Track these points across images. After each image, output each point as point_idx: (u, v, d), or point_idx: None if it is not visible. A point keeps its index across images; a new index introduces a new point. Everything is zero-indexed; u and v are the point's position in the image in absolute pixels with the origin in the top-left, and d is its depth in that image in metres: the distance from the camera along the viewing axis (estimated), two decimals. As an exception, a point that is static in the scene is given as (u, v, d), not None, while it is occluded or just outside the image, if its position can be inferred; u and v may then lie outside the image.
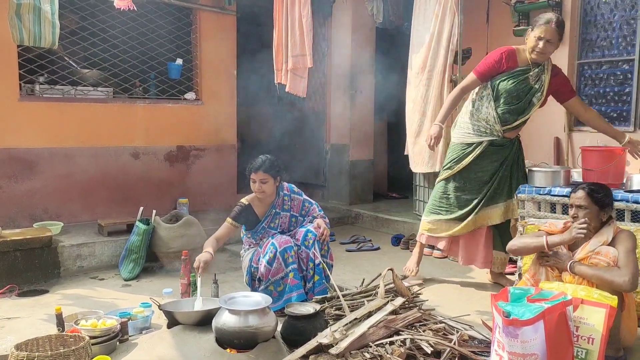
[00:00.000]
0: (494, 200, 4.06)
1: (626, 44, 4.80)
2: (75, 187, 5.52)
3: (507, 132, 3.97)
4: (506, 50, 3.85)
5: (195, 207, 6.06)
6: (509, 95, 3.84)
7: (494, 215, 4.08)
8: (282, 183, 3.88)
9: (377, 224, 6.43)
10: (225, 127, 6.49)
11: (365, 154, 7.19)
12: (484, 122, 3.96)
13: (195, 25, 6.27)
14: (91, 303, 3.97)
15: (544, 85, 3.83)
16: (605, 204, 3.03)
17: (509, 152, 4.02)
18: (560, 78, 3.93)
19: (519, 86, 3.82)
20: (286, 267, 3.61)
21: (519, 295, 2.64)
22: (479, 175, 4.05)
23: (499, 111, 3.89)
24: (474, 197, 4.07)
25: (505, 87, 3.84)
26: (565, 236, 3.00)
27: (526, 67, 3.82)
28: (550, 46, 3.71)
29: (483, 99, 3.95)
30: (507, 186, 4.06)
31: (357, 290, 3.54)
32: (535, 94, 3.85)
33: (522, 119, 3.91)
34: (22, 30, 3.91)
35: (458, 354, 2.80)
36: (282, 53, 5.36)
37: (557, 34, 3.69)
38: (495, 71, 3.85)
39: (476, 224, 4.10)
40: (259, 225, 3.82)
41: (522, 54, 3.84)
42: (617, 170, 3.83)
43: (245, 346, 2.89)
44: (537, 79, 3.84)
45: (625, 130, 4.71)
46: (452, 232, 4.15)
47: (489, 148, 3.98)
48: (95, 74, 5.75)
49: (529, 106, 3.87)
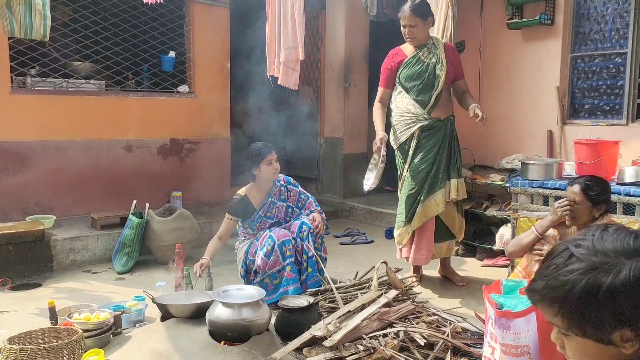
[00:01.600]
0: (435, 187, 4.01)
1: (619, 37, 4.80)
2: (67, 181, 5.50)
3: (433, 112, 4.01)
4: (391, 52, 4.18)
5: (189, 201, 6.05)
6: (411, 79, 4.02)
7: (439, 201, 4.00)
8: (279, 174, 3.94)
9: (370, 217, 6.44)
10: (219, 120, 6.46)
11: (359, 147, 7.19)
12: (407, 113, 4.05)
13: (188, 17, 6.23)
14: (84, 296, 3.96)
15: (441, 57, 4.00)
16: (598, 201, 3.04)
17: (443, 133, 4.03)
18: (454, 55, 4.13)
19: (415, 68, 4.02)
20: (283, 261, 3.62)
21: (512, 288, 2.65)
22: (422, 168, 4.03)
23: (413, 97, 4.03)
24: (419, 190, 4.03)
25: (405, 75, 4.05)
26: (551, 217, 3.03)
27: (414, 53, 4.04)
28: (415, 30, 3.95)
29: (397, 97, 4.14)
30: (446, 168, 4.04)
31: (350, 283, 3.55)
32: (436, 66, 3.99)
33: (435, 93, 3.98)
34: (12, 22, 3.87)
35: (451, 346, 2.82)
36: (275, 45, 5.34)
37: (414, 17, 3.93)
38: (391, 72, 4.13)
39: (426, 216, 4.02)
40: (255, 213, 3.85)
41: (408, 47, 4.12)
42: (610, 163, 3.86)
43: (239, 339, 2.89)
44: (431, 56, 4.02)
45: (618, 123, 4.72)
46: (409, 232, 4.08)
47: (422, 135, 4.01)
48: (87, 66, 5.71)
49: (435, 79, 3.98)
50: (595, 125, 4.81)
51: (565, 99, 5.08)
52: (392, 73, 4.13)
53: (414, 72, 4.01)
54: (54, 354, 2.62)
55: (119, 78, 5.89)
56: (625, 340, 1.00)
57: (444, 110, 4.07)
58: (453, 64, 4.08)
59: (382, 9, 6.62)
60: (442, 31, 4.87)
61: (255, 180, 3.88)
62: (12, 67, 5.21)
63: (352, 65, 6.97)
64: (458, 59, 4.19)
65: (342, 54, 6.91)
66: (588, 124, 4.87)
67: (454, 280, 4.21)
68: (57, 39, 5.46)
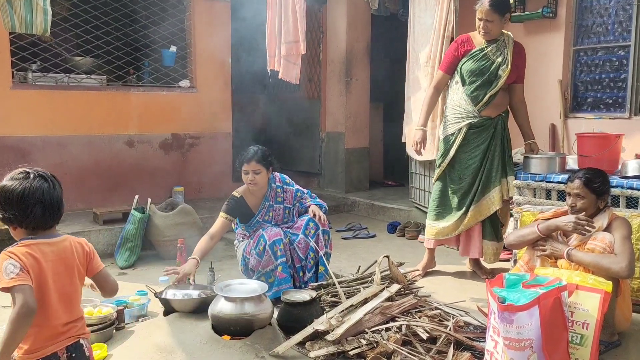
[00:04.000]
0: (489, 185, 4.03)
1: (622, 30, 4.78)
2: (69, 176, 5.49)
3: (484, 110, 3.97)
4: (460, 38, 4.06)
5: (191, 196, 6.05)
6: (472, 74, 3.94)
7: (494, 199, 4.02)
8: (274, 174, 3.82)
9: (373, 211, 6.44)
10: (220, 115, 6.45)
11: (361, 141, 7.18)
12: (458, 107, 4.02)
13: (189, 12, 6.21)
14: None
15: (507, 58, 3.91)
16: (602, 192, 3.03)
17: (492, 132, 4.00)
18: (521, 58, 4.02)
19: (480, 63, 3.93)
20: (275, 260, 3.57)
21: (514, 281, 2.64)
22: (470, 164, 4.03)
23: (468, 92, 3.97)
24: (470, 189, 4.04)
25: (467, 68, 3.96)
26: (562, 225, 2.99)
27: (482, 46, 3.95)
28: (491, 25, 3.85)
29: (453, 87, 4.09)
30: (499, 166, 4.03)
31: (353, 277, 3.54)
32: (500, 66, 3.91)
33: (491, 92, 3.92)
34: (13, 16, 3.86)
35: (454, 340, 2.82)
36: (276, 40, 5.33)
37: (492, 12, 3.81)
38: (456, 59, 4.02)
39: (481, 214, 4.05)
40: (253, 219, 3.78)
41: (478, 37, 3.99)
42: (612, 157, 3.84)
43: (242, 333, 2.89)
44: (498, 53, 3.93)
45: (621, 116, 4.70)
46: (458, 230, 4.11)
47: (469, 132, 3.99)
48: (88, 61, 5.70)
49: (496, 79, 3.92)
50: (598, 118, 4.80)
51: (568, 93, 5.07)
52: (456, 60, 4.03)
53: (478, 67, 3.92)
54: (57, 348, 2.62)
55: (120, 73, 5.88)
56: None
57: (497, 108, 4.01)
58: (518, 66, 3.98)
59: (383, 3, 6.59)
60: (444, 24, 4.85)
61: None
62: (13, 62, 5.21)
63: (354, 60, 6.95)
64: (524, 61, 4.06)
65: (343, 48, 6.89)
66: (591, 117, 4.86)
67: (480, 274, 4.20)
68: (58, 33, 5.45)
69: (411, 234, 5.43)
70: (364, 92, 7.13)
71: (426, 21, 5.22)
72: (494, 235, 4.10)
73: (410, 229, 5.48)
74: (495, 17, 3.82)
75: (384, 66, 7.86)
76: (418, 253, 4.74)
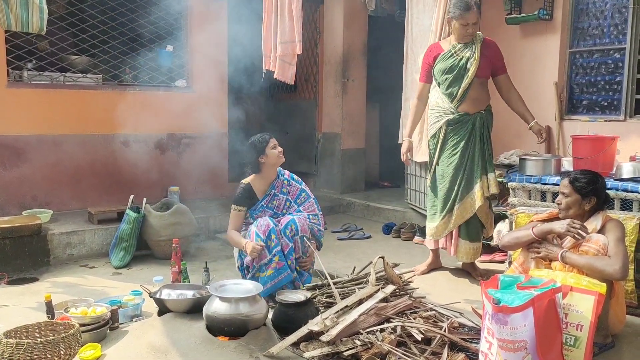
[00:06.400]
0: (472, 183, 4.04)
1: (617, 33, 4.79)
2: (64, 175, 5.48)
3: (460, 106, 4.03)
4: (429, 47, 4.29)
5: (186, 196, 6.04)
6: (443, 72, 4.06)
7: (476, 197, 4.03)
8: (284, 170, 4.02)
9: (368, 212, 6.44)
10: (217, 115, 6.44)
11: (357, 142, 7.18)
12: (436, 107, 4.13)
13: (186, 11, 6.20)
14: (81, 291, 3.95)
15: (475, 52, 4.00)
16: (586, 193, 3.04)
17: (471, 128, 4.03)
18: (493, 50, 4.10)
19: (449, 61, 4.04)
20: (269, 253, 3.57)
21: (509, 283, 2.65)
22: (451, 161, 4.06)
23: (443, 90, 4.08)
24: (453, 187, 4.07)
25: (438, 68, 4.09)
26: (557, 229, 3.00)
27: (450, 47, 4.08)
28: (475, 27, 3.99)
29: (432, 91, 4.22)
30: (479, 164, 4.04)
31: (348, 278, 3.54)
32: (469, 60, 3.99)
33: (463, 86, 3.99)
34: (9, 15, 3.84)
35: (448, 341, 2.82)
36: (271, 39, 5.32)
37: (476, 14, 3.97)
38: (429, 66, 4.18)
39: (467, 212, 4.07)
40: (258, 203, 3.86)
41: (445, 43, 4.16)
42: (607, 159, 3.85)
43: (236, 333, 2.89)
44: (467, 50, 4.02)
45: (616, 119, 4.72)
46: (447, 230, 4.13)
47: (448, 129, 4.06)
48: (84, 60, 5.68)
49: (465, 72, 3.99)
50: (593, 121, 4.81)
51: (563, 95, 5.08)
52: (430, 67, 4.17)
53: (447, 65, 4.03)
54: (50, 348, 2.62)
55: (116, 72, 5.86)
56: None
57: (474, 104, 4.05)
58: (489, 57, 4.05)
59: (380, 4, 6.59)
60: (441, 26, 4.85)
61: (259, 171, 3.87)
62: (8, 60, 5.19)
63: (351, 60, 6.95)
64: (496, 52, 4.11)
65: (340, 48, 6.89)
66: (586, 119, 4.87)
67: (474, 275, 4.21)
68: (54, 32, 5.43)
69: (406, 235, 5.44)
70: (360, 93, 7.14)
71: (424, 22, 5.22)
72: (467, 234, 4.11)
73: (405, 230, 5.48)
74: (478, 17, 4.02)
75: (381, 67, 7.86)
76: (413, 254, 4.75)
